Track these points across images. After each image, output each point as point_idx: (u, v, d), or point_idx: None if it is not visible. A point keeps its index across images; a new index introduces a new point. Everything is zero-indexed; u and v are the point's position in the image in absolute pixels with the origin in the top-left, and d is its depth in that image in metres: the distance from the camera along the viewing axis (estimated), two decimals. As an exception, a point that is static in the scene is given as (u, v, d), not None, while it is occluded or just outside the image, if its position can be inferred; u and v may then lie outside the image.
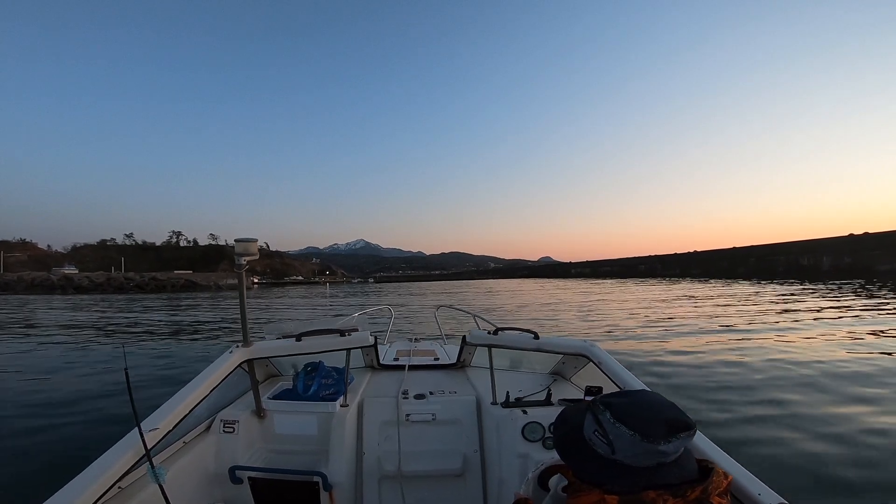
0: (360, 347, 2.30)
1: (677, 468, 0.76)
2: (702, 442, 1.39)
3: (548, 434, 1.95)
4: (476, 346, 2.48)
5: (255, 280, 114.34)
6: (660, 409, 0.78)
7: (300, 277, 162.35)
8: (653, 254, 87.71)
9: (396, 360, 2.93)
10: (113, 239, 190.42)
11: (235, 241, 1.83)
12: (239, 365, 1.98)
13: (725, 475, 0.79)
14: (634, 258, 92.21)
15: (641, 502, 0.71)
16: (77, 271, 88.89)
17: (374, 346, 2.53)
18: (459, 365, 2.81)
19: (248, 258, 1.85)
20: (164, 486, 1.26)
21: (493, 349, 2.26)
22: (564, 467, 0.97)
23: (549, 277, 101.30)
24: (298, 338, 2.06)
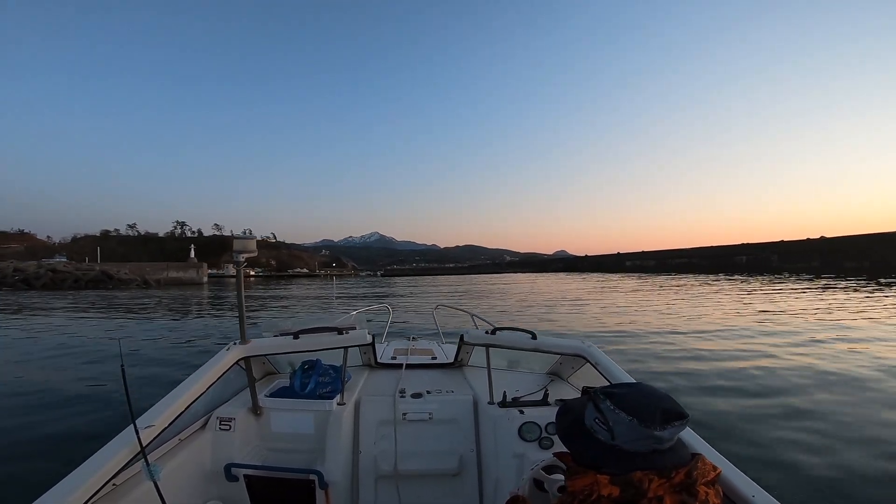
0: (358, 346, 2.39)
1: (671, 454, 0.87)
2: (697, 443, 1.46)
3: (544, 434, 2.01)
4: (474, 345, 2.55)
5: (252, 273, 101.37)
6: (657, 399, 0.90)
7: (304, 270, 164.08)
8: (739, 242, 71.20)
9: (394, 358, 3.00)
10: (116, 230, 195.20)
11: (234, 238, 1.95)
12: (236, 362, 2.08)
13: (714, 467, 0.89)
14: (727, 247, 75.16)
15: (629, 482, 0.81)
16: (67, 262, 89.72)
17: (372, 344, 2.59)
18: (457, 364, 2.89)
19: (246, 255, 1.98)
20: (159, 484, 1.31)
21: (490, 349, 2.32)
22: (563, 455, 1.06)
23: (590, 271, 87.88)
24: (296, 335, 2.15)
